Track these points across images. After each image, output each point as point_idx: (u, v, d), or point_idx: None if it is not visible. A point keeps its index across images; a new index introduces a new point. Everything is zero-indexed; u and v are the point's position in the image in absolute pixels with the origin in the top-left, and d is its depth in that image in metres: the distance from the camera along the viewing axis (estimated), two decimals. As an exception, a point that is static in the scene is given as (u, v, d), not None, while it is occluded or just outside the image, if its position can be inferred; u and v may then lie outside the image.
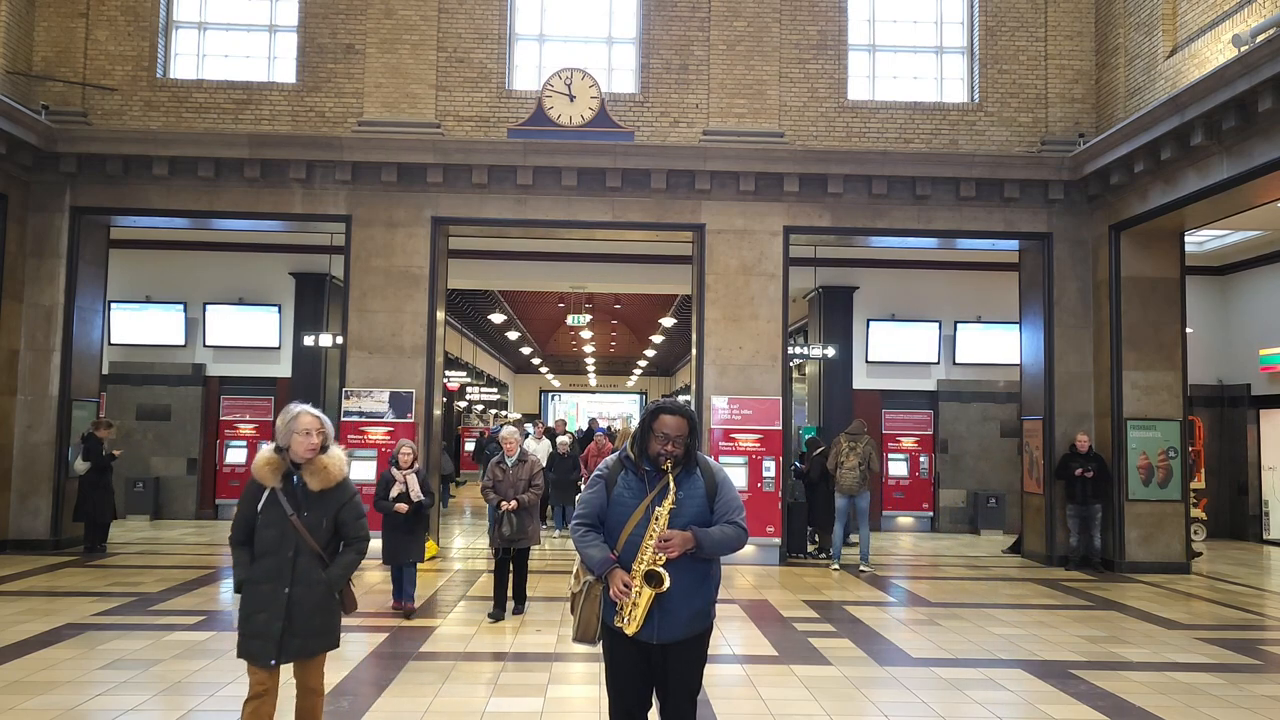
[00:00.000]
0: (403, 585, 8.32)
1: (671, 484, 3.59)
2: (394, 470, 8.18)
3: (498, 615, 8.06)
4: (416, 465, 8.31)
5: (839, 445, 11.47)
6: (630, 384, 49.71)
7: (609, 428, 20.02)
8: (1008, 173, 11.88)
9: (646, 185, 11.87)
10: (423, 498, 8.22)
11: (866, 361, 15.83)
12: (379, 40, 12.03)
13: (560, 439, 14.66)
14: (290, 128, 11.98)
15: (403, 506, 8.03)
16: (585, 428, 20.67)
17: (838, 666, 6.76)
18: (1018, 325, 13.07)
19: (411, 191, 11.81)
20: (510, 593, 8.30)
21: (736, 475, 11.31)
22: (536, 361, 42.48)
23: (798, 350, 15.11)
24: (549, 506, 14.64)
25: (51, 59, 11.94)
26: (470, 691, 5.98)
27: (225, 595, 9.43)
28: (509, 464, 8.08)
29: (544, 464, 12.95)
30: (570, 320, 29.01)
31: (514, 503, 7.90)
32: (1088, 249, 12.22)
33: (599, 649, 3.73)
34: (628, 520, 3.60)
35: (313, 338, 14.61)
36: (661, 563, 3.52)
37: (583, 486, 14.45)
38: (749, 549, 11.07)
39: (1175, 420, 11.61)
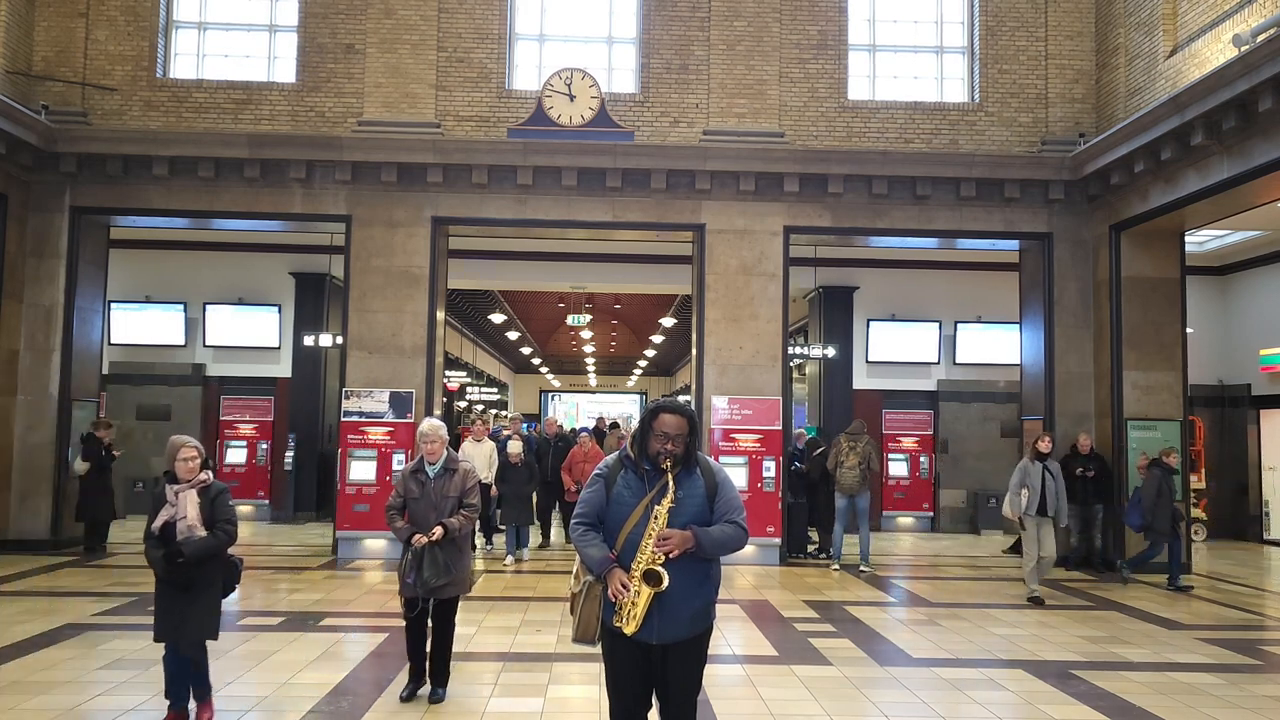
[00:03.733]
0: (179, 686, 5.14)
1: (671, 483, 3.59)
2: (168, 487, 5.01)
3: (410, 691, 5.75)
4: (206, 476, 5.07)
5: (839, 445, 11.47)
6: (630, 384, 49.68)
7: (591, 427, 16.52)
8: (1008, 173, 11.88)
9: (646, 185, 11.86)
10: (197, 534, 4.92)
11: (867, 361, 15.83)
12: (379, 40, 12.02)
13: (510, 445, 11.48)
14: (290, 128, 11.98)
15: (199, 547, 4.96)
16: (588, 428, 17.35)
17: (838, 666, 6.76)
18: (1018, 325, 13.06)
19: (411, 191, 11.81)
20: (429, 662, 5.78)
21: (736, 475, 11.29)
22: (536, 361, 42.46)
23: (798, 350, 15.10)
24: (485, 531, 12.27)
25: (51, 59, 11.94)
26: (470, 691, 5.97)
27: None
28: (430, 472, 5.65)
29: (487, 474, 11.37)
30: (570, 320, 29.00)
31: (437, 531, 5.48)
32: (1088, 249, 12.22)
33: (599, 649, 3.72)
34: (627, 519, 3.60)
35: (313, 338, 14.61)
36: (660, 562, 3.51)
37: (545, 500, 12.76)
38: (749, 549, 11.06)
39: (1176, 420, 11.60)
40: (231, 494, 5.34)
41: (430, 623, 5.73)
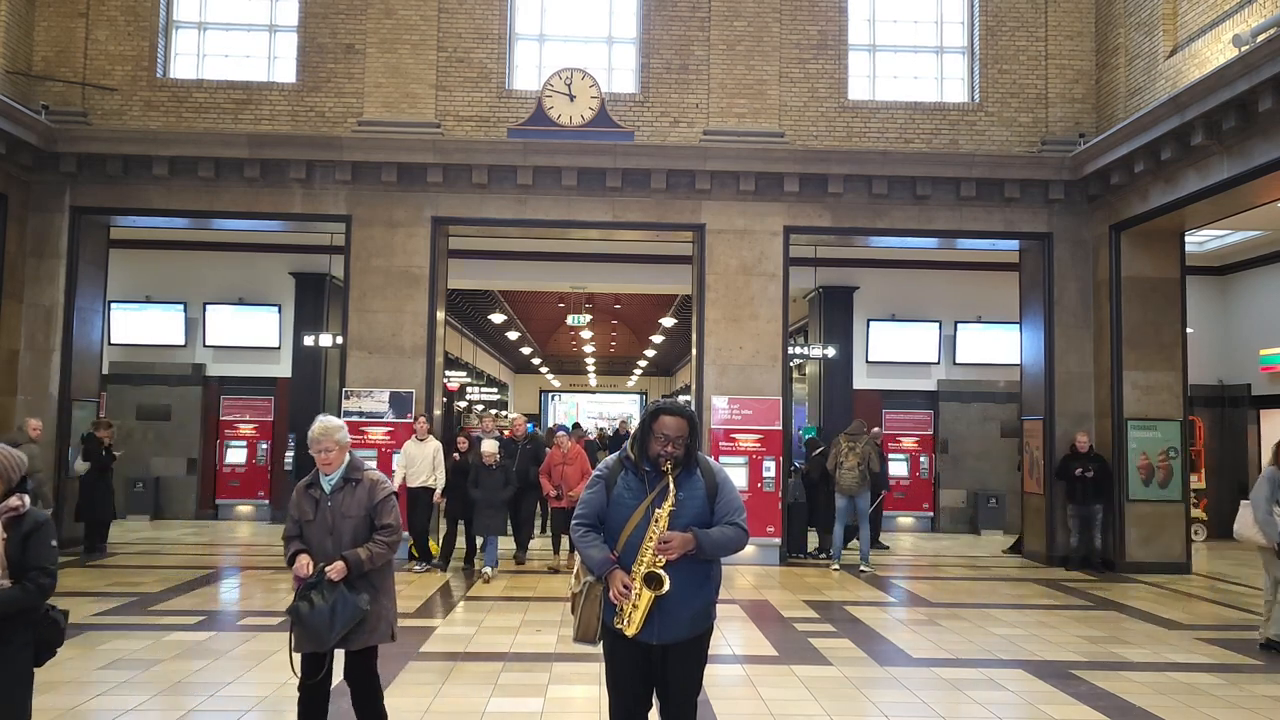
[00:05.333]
0: None
1: (671, 485, 3.58)
2: None
3: None
4: (19, 504, 3.67)
5: (839, 446, 11.47)
6: (630, 384, 49.69)
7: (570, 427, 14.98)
8: (1008, 173, 11.88)
9: (646, 185, 11.86)
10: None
11: (867, 361, 15.83)
12: (379, 40, 12.02)
13: (485, 444, 10.34)
14: (290, 128, 11.97)
15: None
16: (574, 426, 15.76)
17: (838, 666, 6.76)
18: (1018, 325, 13.06)
19: (411, 191, 11.81)
20: None
21: (736, 475, 11.29)
22: (536, 361, 42.47)
23: (798, 350, 15.10)
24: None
25: (51, 59, 11.94)
26: (471, 691, 5.97)
27: (225, 595, 9.44)
28: (325, 486, 4.33)
29: (431, 478, 10.49)
30: (570, 320, 29.00)
31: (335, 567, 4.14)
32: (1088, 249, 12.22)
33: (599, 649, 3.73)
34: (628, 521, 3.60)
35: (313, 338, 14.61)
36: (661, 565, 3.51)
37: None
38: (749, 549, 11.06)
39: (1175, 420, 11.60)
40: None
41: (348, 685, 4.44)
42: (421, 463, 10.59)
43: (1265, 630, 7.53)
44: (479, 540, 10.43)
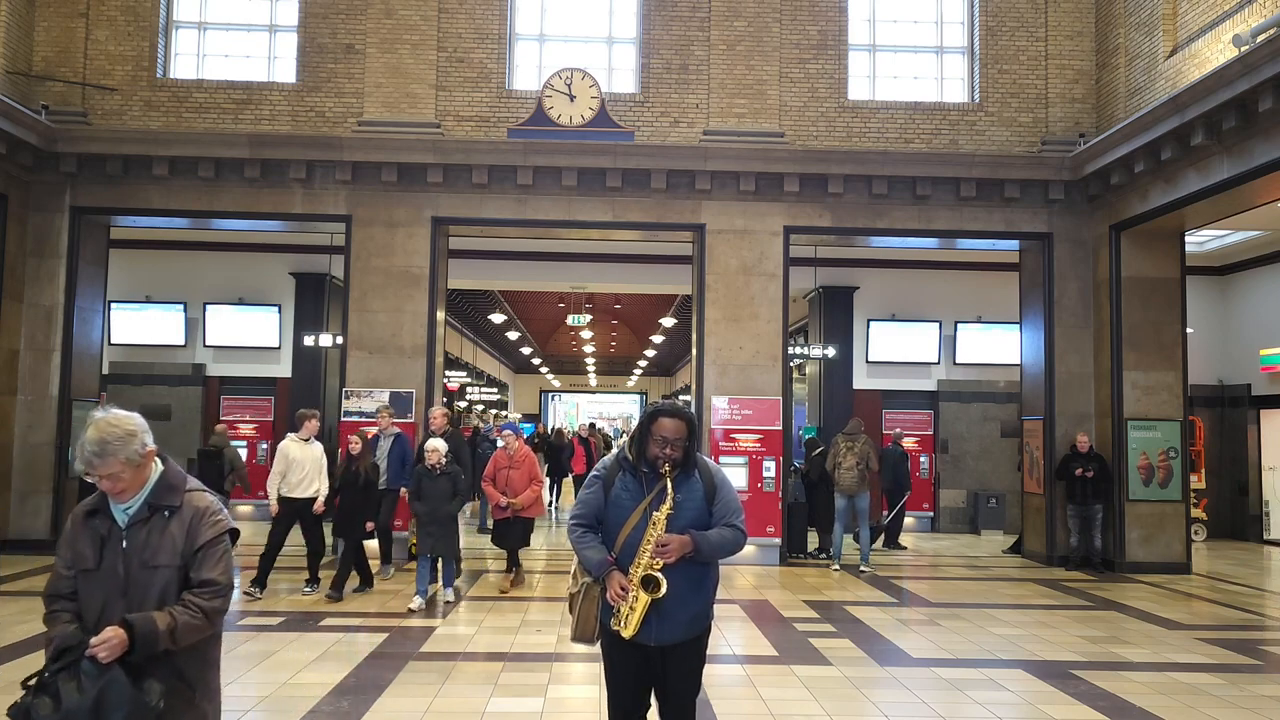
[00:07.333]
0: None
1: (669, 487, 3.57)
2: None
3: None
4: None
5: (837, 446, 11.47)
6: (630, 384, 49.71)
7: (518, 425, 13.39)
8: (1008, 173, 11.88)
9: (646, 185, 11.86)
10: None
11: (867, 361, 15.83)
12: (379, 40, 12.03)
13: (431, 444, 8.78)
14: (290, 128, 11.98)
15: None
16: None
17: (838, 666, 6.76)
18: (1018, 325, 13.06)
19: (411, 191, 11.81)
20: None
21: (736, 475, 11.29)
22: (536, 361, 42.49)
23: (798, 350, 15.11)
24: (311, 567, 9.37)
25: (51, 59, 11.94)
26: (470, 691, 5.97)
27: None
28: (118, 519, 2.84)
29: (316, 487, 9.13)
30: (570, 320, 29.03)
31: (111, 638, 2.62)
32: (1088, 249, 12.22)
33: (599, 648, 3.72)
34: (625, 522, 3.59)
35: (313, 338, 14.61)
36: (659, 568, 3.51)
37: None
38: (749, 549, 11.06)
39: (1176, 420, 11.60)
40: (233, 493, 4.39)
41: None
42: (310, 466, 9.14)
43: None
44: (439, 563, 8.98)
